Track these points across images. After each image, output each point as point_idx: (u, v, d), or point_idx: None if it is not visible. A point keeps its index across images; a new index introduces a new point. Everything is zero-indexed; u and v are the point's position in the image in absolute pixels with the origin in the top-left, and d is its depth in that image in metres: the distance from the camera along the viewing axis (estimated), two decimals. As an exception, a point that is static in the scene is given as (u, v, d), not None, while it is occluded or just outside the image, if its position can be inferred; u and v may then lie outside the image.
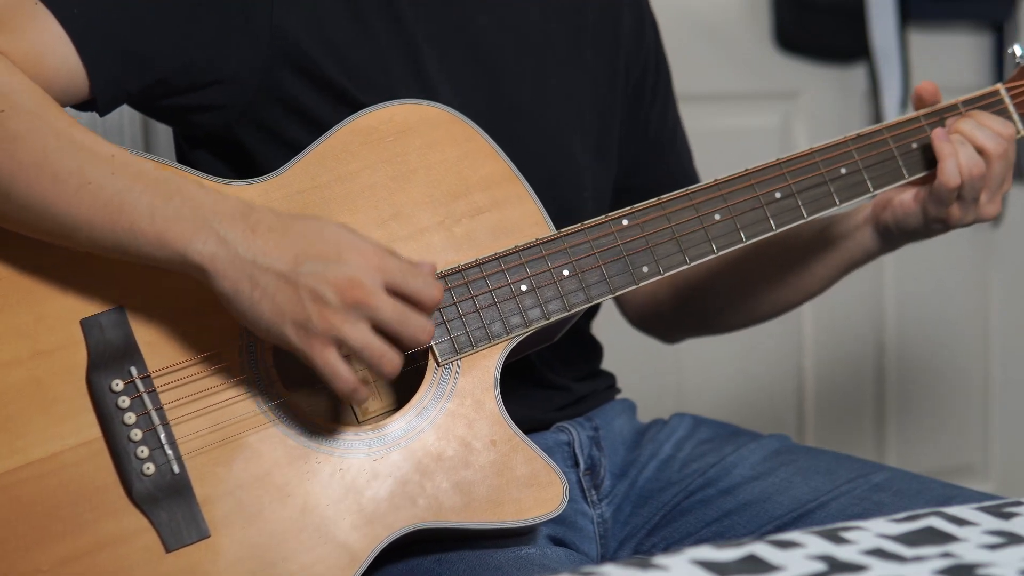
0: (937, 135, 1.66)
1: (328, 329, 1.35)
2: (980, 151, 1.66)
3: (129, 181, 1.37)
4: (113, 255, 1.40)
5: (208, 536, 1.41)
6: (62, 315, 1.43)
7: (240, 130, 1.57)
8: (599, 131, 1.74)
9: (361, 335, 1.36)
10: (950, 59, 3.00)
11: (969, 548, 1.16)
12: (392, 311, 1.37)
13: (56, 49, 1.45)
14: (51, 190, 1.37)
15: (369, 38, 1.58)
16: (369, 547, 1.43)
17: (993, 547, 1.16)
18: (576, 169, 1.69)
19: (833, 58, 2.95)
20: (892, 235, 1.73)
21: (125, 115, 2.22)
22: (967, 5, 3.03)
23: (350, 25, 1.57)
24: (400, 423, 1.46)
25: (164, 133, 2.27)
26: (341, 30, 1.57)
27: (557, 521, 1.58)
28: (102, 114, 1.51)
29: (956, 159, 1.64)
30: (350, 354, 1.38)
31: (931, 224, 1.70)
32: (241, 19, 1.52)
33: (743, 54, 2.89)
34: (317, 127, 1.53)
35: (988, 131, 1.66)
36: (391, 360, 1.38)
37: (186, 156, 1.63)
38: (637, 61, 1.80)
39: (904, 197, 1.70)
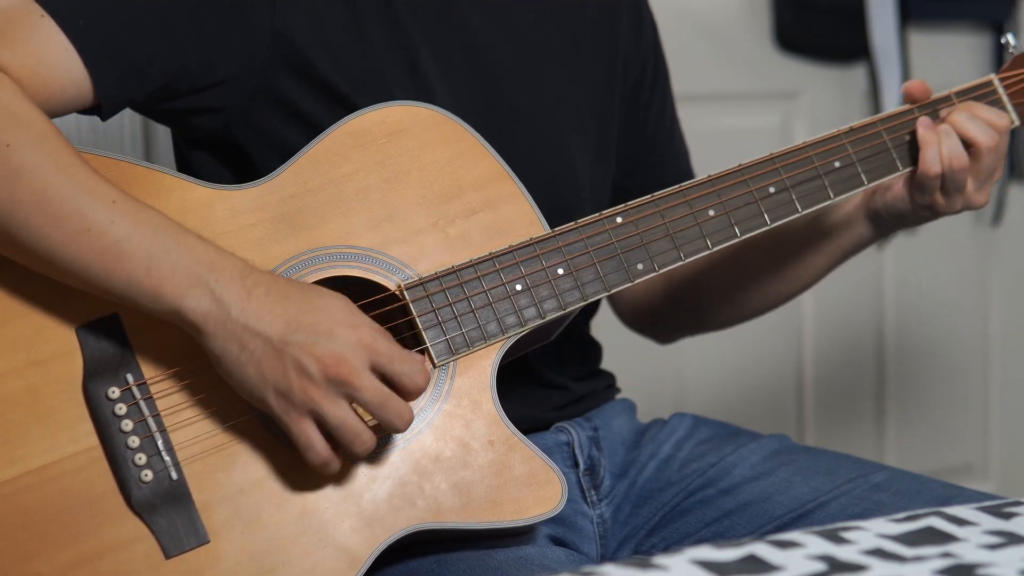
0: (921, 123, 1.66)
1: (307, 402, 1.37)
2: (971, 143, 1.65)
3: (129, 230, 1.38)
4: (107, 299, 1.41)
5: (207, 542, 1.41)
6: (58, 324, 1.43)
7: (239, 132, 1.57)
8: (597, 131, 1.73)
9: (338, 412, 1.38)
10: (950, 59, 3.00)
11: (969, 548, 1.16)
12: (373, 393, 1.38)
13: (62, 61, 1.45)
14: (49, 232, 1.37)
15: (367, 41, 1.58)
16: (369, 549, 1.42)
17: (993, 547, 1.16)
18: (574, 169, 1.69)
19: (833, 58, 2.95)
20: (883, 220, 1.73)
21: (125, 117, 2.22)
22: (967, 5, 3.02)
23: (349, 28, 1.57)
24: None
25: (164, 135, 2.27)
26: (340, 33, 1.57)
27: (557, 521, 1.58)
28: (104, 119, 1.52)
29: (938, 148, 1.64)
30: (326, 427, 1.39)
31: (919, 211, 1.70)
32: (240, 20, 1.52)
33: (743, 54, 2.89)
34: (315, 130, 1.53)
35: (980, 122, 1.66)
36: (364, 442, 1.40)
37: (185, 157, 1.63)
38: (635, 61, 1.80)
39: (893, 183, 1.70)
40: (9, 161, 1.37)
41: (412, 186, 1.52)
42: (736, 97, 2.91)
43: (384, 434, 1.43)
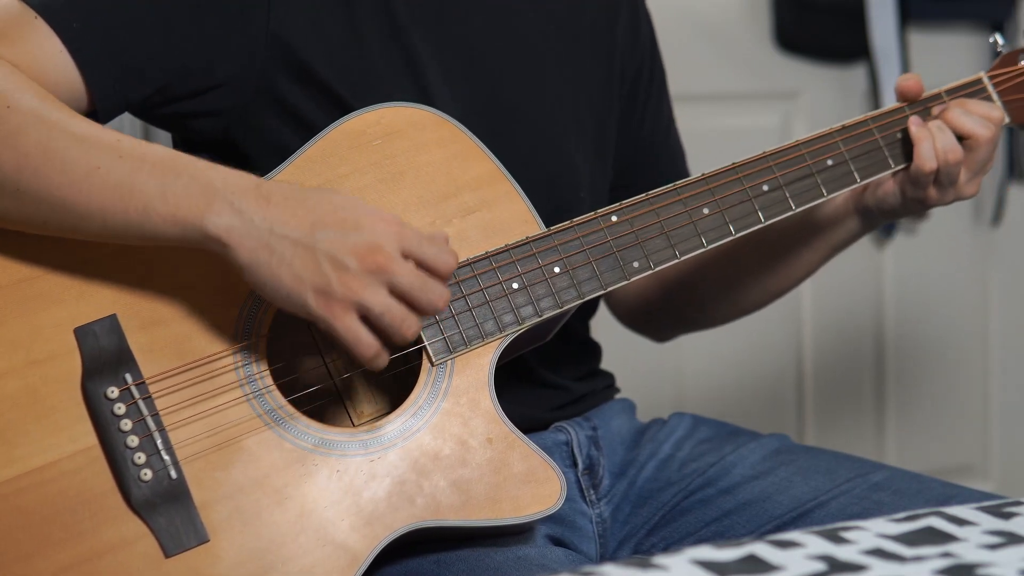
0: (913, 121, 1.67)
1: (348, 294, 1.36)
2: (967, 135, 1.66)
3: (137, 162, 1.38)
4: (126, 241, 1.41)
5: (207, 541, 1.41)
6: (56, 324, 1.43)
7: (238, 135, 1.57)
8: (595, 131, 1.74)
9: (382, 300, 1.37)
10: (950, 59, 2.99)
11: (969, 548, 1.16)
12: (411, 276, 1.38)
13: (55, 63, 1.46)
14: (60, 179, 1.38)
15: (365, 43, 1.58)
16: (369, 548, 1.42)
17: (993, 547, 1.16)
18: (573, 169, 1.69)
19: (833, 58, 2.95)
20: (873, 215, 1.74)
21: (125, 120, 2.21)
22: (967, 5, 3.02)
23: (346, 30, 1.57)
24: (396, 423, 1.46)
25: (164, 138, 2.27)
26: (337, 35, 1.57)
27: (556, 521, 1.59)
28: (102, 123, 1.52)
29: (932, 143, 1.65)
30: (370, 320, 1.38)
31: (910, 205, 1.70)
32: (238, 23, 1.52)
33: (743, 54, 2.89)
34: (312, 132, 1.53)
35: (976, 117, 1.67)
36: (410, 326, 1.39)
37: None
38: (632, 61, 1.80)
39: (884, 179, 1.70)
40: (10, 120, 1.38)
41: (408, 187, 1.52)
42: (736, 97, 2.91)
43: (426, 315, 1.42)
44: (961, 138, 1.67)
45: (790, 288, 1.86)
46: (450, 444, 1.47)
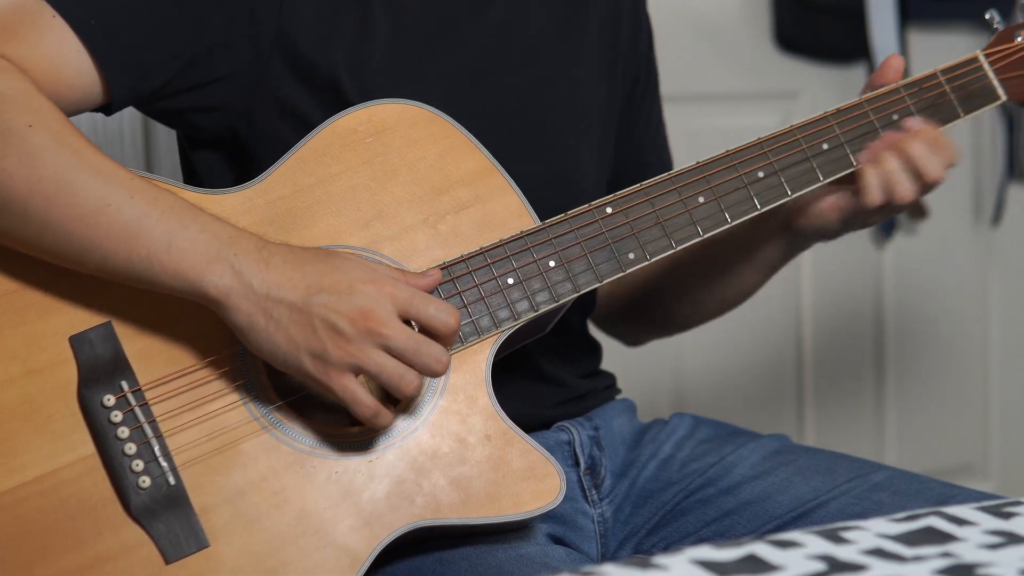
0: (865, 158, 1.64)
1: (343, 358, 1.38)
2: (920, 175, 1.63)
3: (147, 207, 1.39)
4: (123, 282, 1.41)
5: (207, 546, 1.41)
6: (51, 333, 1.43)
7: (243, 132, 1.57)
8: (599, 130, 1.74)
9: (377, 360, 1.39)
10: (950, 59, 2.98)
11: (969, 548, 1.16)
12: (405, 340, 1.39)
13: (73, 61, 1.47)
14: (69, 211, 1.38)
15: (371, 42, 1.58)
16: (369, 548, 1.42)
17: (993, 547, 1.16)
18: (577, 167, 1.70)
19: (833, 58, 2.94)
20: (807, 237, 1.74)
21: (126, 117, 2.22)
22: (967, 5, 3.02)
23: (353, 30, 1.57)
24: (394, 422, 1.46)
25: (164, 135, 2.27)
26: (343, 34, 1.57)
27: (557, 520, 1.59)
28: (109, 115, 1.53)
29: (880, 179, 1.62)
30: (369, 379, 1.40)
31: (850, 228, 1.71)
32: (246, 17, 1.52)
33: (743, 54, 2.89)
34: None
35: (937, 161, 1.62)
36: (409, 382, 1.40)
37: (188, 157, 1.64)
38: (633, 61, 1.81)
39: (822, 206, 1.69)
40: (30, 140, 1.39)
41: (401, 183, 1.52)
42: (736, 97, 2.90)
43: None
44: (918, 175, 1.63)
45: (738, 301, 1.87)
46: (448, 442, 1.46)
